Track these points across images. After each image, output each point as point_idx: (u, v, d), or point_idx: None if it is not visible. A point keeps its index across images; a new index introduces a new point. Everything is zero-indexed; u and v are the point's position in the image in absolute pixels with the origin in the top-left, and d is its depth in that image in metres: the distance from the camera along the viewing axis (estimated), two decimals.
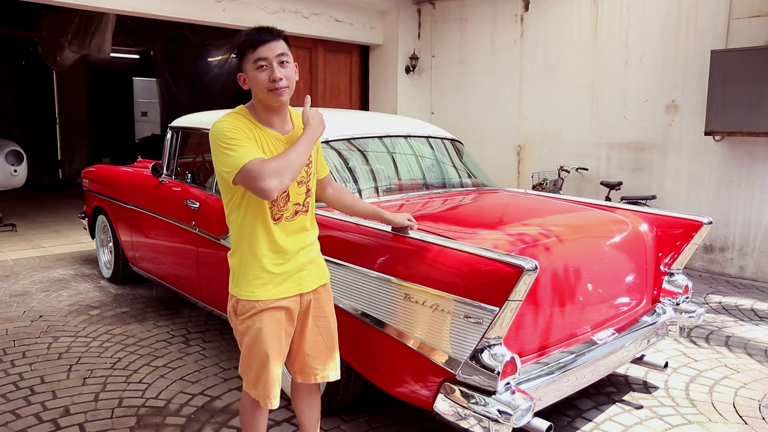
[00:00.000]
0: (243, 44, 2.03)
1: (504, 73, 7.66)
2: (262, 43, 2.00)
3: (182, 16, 6.74)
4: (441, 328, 2.29)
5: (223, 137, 1.97)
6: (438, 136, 4.09)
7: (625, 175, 6.53)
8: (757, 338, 4.20)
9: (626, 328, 2.96)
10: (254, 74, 2.01)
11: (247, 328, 2.12)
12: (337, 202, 2.49)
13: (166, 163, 4.31)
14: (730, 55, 5.49)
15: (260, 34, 2.01)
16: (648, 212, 3.39)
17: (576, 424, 3.00)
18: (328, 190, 2.44)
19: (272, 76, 1.99)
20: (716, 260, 5.99)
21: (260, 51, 1.99)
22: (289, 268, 2.12)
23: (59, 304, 4.69)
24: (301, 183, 2.14)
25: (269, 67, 2.00)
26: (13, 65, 12.44)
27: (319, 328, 2.24)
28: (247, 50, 2.02)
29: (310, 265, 2.19)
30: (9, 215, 8.26)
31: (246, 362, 2.17)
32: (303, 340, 2.22)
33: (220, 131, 1.99)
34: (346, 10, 8.13)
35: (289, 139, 2.10)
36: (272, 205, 2.07)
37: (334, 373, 2.30)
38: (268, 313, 2.09)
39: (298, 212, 2.15)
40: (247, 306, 2.10)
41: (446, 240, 2.44)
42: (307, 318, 2.21)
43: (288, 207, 2.11)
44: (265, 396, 2.14)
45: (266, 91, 2.01)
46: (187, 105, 11.77)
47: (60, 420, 2.95)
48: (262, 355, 2.11)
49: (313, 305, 2.22)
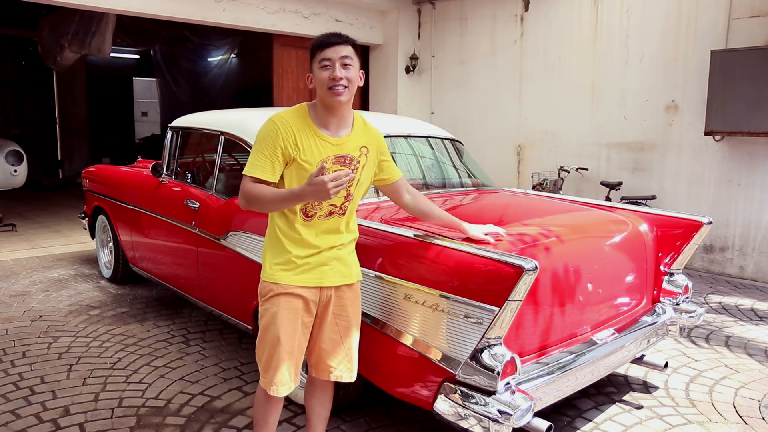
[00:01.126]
0: (313, 46, 2.18)
1: (504, 73, 7.67)
2: (329, 46, 2.14)
3: (182, 16, 6.74)
4: (441, 328, 2.29)
5: (260, 134, 2.15)
6: (438, 136, 4.09)
7: (625, 175, 6.53)
8: (757, 338, 4.20)
9: (626, 328, 2.96)
10: (318, 72, 2.14)
11: (264, 311, 2.19)
12: (415, 208, 2.52)
13: (166, 163, 4.30)
14: (730, 55, 5.49)
15: (329, 37, 2.16)
16: (648, 212, 3.39)
17: (576, 424, 3.00)
18: (405, 196, 2.47)
19: (333, 75, 2.11)
20: (716, 260, 5.99)
21: (326, 52, 2.13)
22: (312, 261, 2.18)
23: (59, 304, 4.69)
24: None
25: (332, 66, 2.12)
26: (13, 65, 12.44)
27: (339, 326, 2.27)
28: (315, 51, 2.16)
29: (335, 262, 2.23)
30: (9, 215, 8.26)
31: (260, 346, 2.22)
32: (320, 335, 2.27)
33: (260, 131, 2.16)
34: (346, 10, 8.13)
35: (339, 142, 2.17)
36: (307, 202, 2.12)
37: (349, 374, 2.32)
38: (285, 299, 2.15)
39: (333, 213, 2.20)
40: (266, 287, 2.18)
41: (446, 240, 2.44)
42: (327, 314, 2.24)
43: (323, 206, 2.17)
44: (270, 382, 2.17)
45: (326, 89, 2.13)
46: (187, 105, 11.79)
47: (60, 420, 2.95)
48: (274, 338, 2.16)
49: (335, 302, 2.25)
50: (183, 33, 11.14)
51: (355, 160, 2.22)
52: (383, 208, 3.15)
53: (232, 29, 8.04)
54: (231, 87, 12.39)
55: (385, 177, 2.41)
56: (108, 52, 8.99)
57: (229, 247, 3.35)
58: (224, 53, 12.34)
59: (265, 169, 2.11)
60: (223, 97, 12.19)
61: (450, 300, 2.26)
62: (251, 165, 2.12)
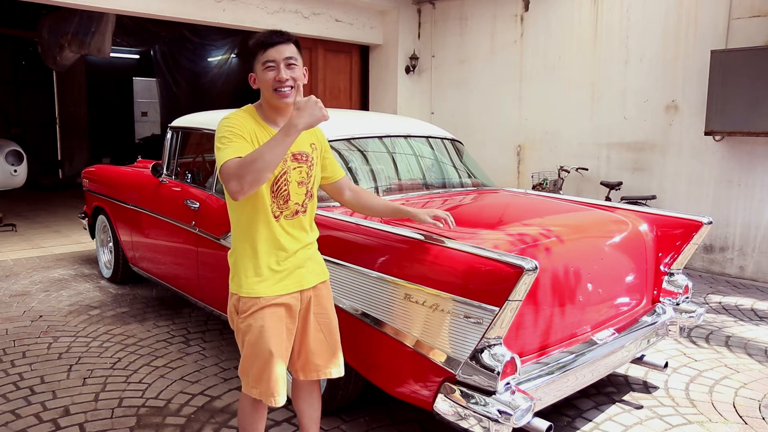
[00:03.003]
0: (254, 45, 2.10)
1: (504, 73, 7.67)
2: (272, 45, 2.07)
3: (182, 16, 6.74)
4: (441, 328, 2.29)
5: (219, 133, 2.04)
6: (438, 136, 4.09)
7: (625, 175, 6.53)
8: (757, 338, 4.20)
9: (626, 328, 2.96)
10: (262, 74, 2.09)
11: (248, 327, 2.12)
12: (357, 205, 2.49)
13: (166, 163, 4.31)
14: (730, 55, 5.49)
15: (271, 36, 2.09)
16: (648, 212, 3.39)
17: (576, 424, 3.00)
18: (346, 193, 2.44)
19: (278, 77, 2.06)
20: (716, 260, 5.99)
21: (269, 53, 2.07)
22: (288, 266, 2.14)
23: (59, 304, 4.69)
24: (301, 183, 2.16)
25: (276, 68, 2.07)
26: (13, 65, 12.44)
27: (321, 324, 2.26)
28: (257, 51, 2.09)
29: (309, 262, 2.21)
30: (9, 215, 8.26)
31: (247, 361, 2.16)
32: (306, 338, 2.23)
33: (219, 127, 2.06)
34: (346, 10, 8.13)
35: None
36: (273, 202, 2.09)
37: (337, 370, 2.31)
38: (269, 310, 2.10)
39: (298, 212, 2.17)
40: (248, 303, 2.11)
41: (446, 240, 2.43)
42: (309, 315, 2.22)
43: (289, 206, 2.13)
44: (269, 394, 2.13)
45: (272, 91, 2.08)
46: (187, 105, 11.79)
47: (60, 420, 2.95)
48: (265, 352, 2.10)
49: (314, 302, 2.23)
50: (183, 33, 11.14)
51: (310, 157, 2.19)
52: None
53: (232, 29, 8.03)
54: (231, 87, 12.38)
55: (328, 175, 2.36)
56: (108, 52, 9.00)
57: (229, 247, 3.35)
58: (224, 53, 12.33)
59: (239, 145, 1.97)
60: (223, 97, 12.18)
61: (450, 300, 2.26)
62: (223, 153, 1.95)
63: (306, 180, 2.18)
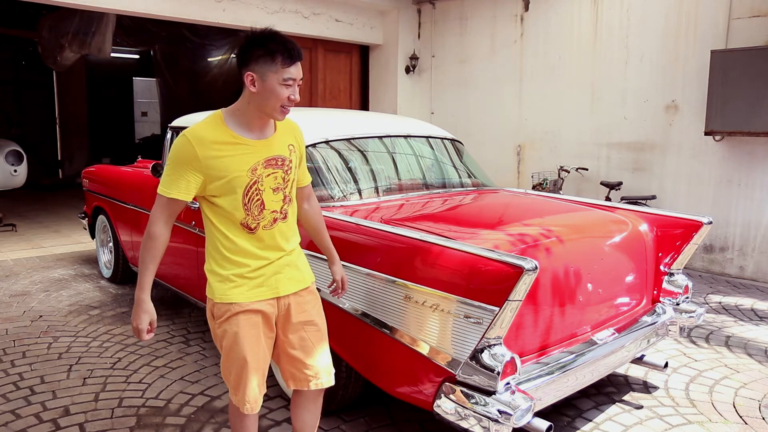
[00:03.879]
0: (274, 52, 1.97)
1: (504, 73, 7.67)
2: (294, 62, 2.00)
3: (182, 16, 6.74)
4: (441, 328, 2.29)
5: (173, 154, 2.00)
6: (438, 136, 4.09)
7: (625, 175, 6.53)
8: (757, 338, 4.20)
9: (626, 328, 2.96)
10: (277, 87, 1.98)
11: (224, 332, 2.07)
12: (306, 222, 2.36)
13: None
14: (730, 55, 5.49)
15: (293, 51, 2.00)
16: (648, 212, 3.39)
17: (576, 424, 3.00)
18: (304, 205, 2.33)
19: (292, 96, 2.00)
20: (716, 260, 5.99)
21: (291, 70, 1.99)
22: (264, 272, 2.07)
23: (59, 304, 4.69)
24: (277, 190, 2.07)
25: (293, 87, 2.01)
26: (13, 65, 12.44)
27: (308, 332, 2.17)
28: (278, 61, 1.97)
29: (287, 268, 2.13)
30: (9, 215, 8.26)
31: (226, 367, 2.12)
32: (287, 343, 2.16)
33: (176, 147, 2.00)
34: (346, 10, 8.13)
35: (266, 144, 2.05)
36: (246, 215, 2.01)
37: (328, 378, 2.23)
38: (244, 316, 2.04)
39: (277, 220, 2.08)
40: (222, 309, 2.05)
41: (446, 240, 2.43)
42: (288, 323, 2.14)
43: (264, 215, 2.04)
44: (243, 401, 2.09)
45: (278, 107, 2.01)
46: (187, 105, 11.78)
47: (60, 420, 2.95)
48: (240, 359, 2.06)
49: (296, 309, 2.15)
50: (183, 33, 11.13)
51: (287, 160, 2.09)
52: (383, 208, 3.16)
53: (232, 29, 8.04)
54: (231, 87, 12.38)
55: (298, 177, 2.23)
56: (108, 52, 9.00)
57: None
58: (224, 53, 12.33)
59: (178, 187, 1.96)
60: (223, 97, 12.17)
61: (450, 300, 2.26)
62: (163, 183, 1.98)
63: (282, 185, 2.08)
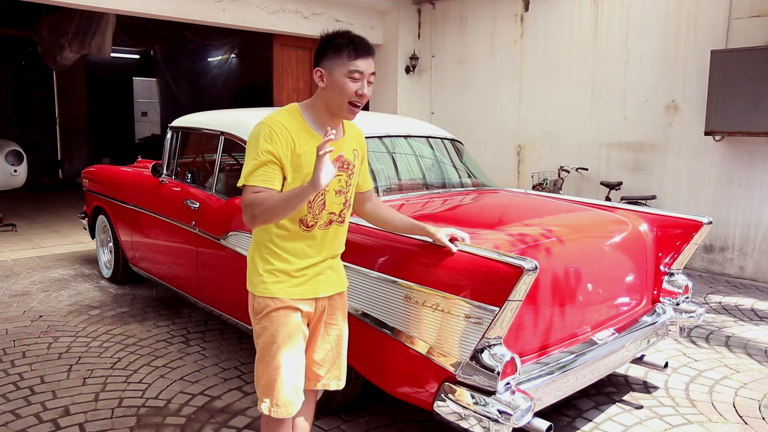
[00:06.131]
0: (341, 45, 1.94)
1: (504, 73, 7.67)
2: (364, 56, 1.96)
3: (182, 16, 6.74)
4: (441, 328, 2.29)
5: (252, 140, 1.94)
6: (438, 136, 4.09)
7: (625, 175, 6.53)
8: (757, 338, 4.20)
9: (626, 328, 2.96)
10: (344, 81, 1.94)
11: (263, 329, 2.03)
12: (375, 217, 2.37)
13: (166, 163, 4.31)
14: (730, 55, 5.49)
15: (362, 44, 1.96)
16: (648, 212, 3.39)
17: (576, 424, 3.00)
18: (367, 205, 2.33)
19: (360, 91, 1.95)
20: (716, 260, 5.99)
21: (359, 63, 1.94)
22: (308, 272, 2.05)
23: (59, 304, 4.69)
24: (339, 192, 2.06)
25: (361, 81, 1.96)
26: (13, 65, 12.44)
27: (330, 335, 2.17)
28: (344, 53, 1.94)
29: (329, 271, 2.12)
30: (9, 215, 8.25)
31: (261, 366, 2.05)
32: (313, 346, 2.15)
33: (257, 135, 1.93)
34: (346, 10, 8.13)
35: (335, 145, 1.95)
36: (308, 212, 1.99)
37: (337, 382, 2.22)
38: (283, 312, 2.01)
39: (333, 222, 2.07)
40: (262, 304, 2.02)
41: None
42: (319, 324, 2.14)
43: (323, 215, 2.03)
44: (277, 404, 2.01)
45: (346, 102, 1.96)
46: (187, 105, 11.80)
47: (60, 420, 2.95)
48: (277, 358, 2.00)
49: (327, 312, 2.14)
50: (183, 33, 11.15)
51: (351, 164, 2.09)
52: None
53: (232, 29, 8.04)
54: (231, 87, 12.39)
55: (359, 182, 2.23)
56: (108, 52, 9.01)
57: (229, 247, 3.35)
58: (224, 53, 12.35)
59: (266, 176, 1.90)
60: (223, 97, 12.19)
61: (450, 300, 2.26)
62: (250, 173, 1.90)
63: (344, 189, 2.07)
